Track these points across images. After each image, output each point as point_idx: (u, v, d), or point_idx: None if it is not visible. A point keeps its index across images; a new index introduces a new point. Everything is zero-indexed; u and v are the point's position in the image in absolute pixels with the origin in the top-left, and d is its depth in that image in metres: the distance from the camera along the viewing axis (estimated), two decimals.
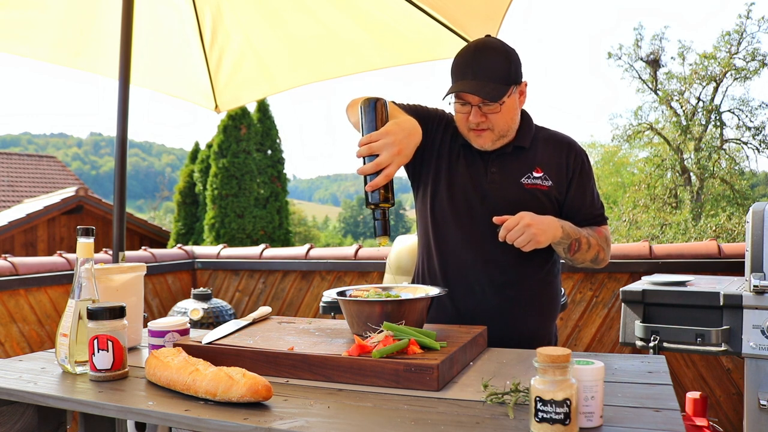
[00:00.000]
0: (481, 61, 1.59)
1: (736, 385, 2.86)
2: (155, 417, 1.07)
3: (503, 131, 1.65)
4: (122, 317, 1.30)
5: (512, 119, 1.65)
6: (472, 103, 1.60)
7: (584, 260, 1.67)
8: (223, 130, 11.22)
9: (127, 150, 2.52)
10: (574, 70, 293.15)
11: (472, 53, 1.61)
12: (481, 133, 1.64)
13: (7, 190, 17.37)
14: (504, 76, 1.59)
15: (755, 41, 17.69)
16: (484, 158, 1.71)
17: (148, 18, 2.72)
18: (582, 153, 1.73)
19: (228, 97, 3.11)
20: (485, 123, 1.61)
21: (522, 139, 1.70)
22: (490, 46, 1.63)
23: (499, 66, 1.59)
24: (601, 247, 1.68)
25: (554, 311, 1.79)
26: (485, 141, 1.65)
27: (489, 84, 1.57)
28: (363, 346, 1.22)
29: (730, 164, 18.18)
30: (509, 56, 1.62)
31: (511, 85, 1.61)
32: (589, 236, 1.64)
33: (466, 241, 1.69)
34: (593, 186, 1.74)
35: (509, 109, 1.62)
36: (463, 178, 1.70)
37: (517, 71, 1.63)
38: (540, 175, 1.68)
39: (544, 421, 0.90)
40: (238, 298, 4.12)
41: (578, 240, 1.61)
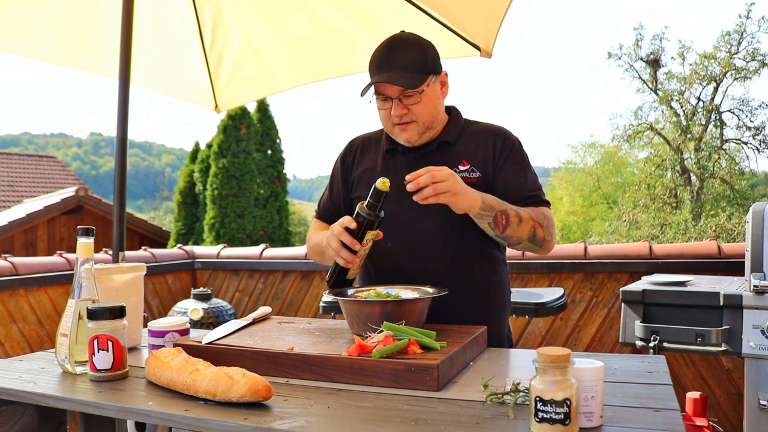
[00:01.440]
0: (395, 53, 1.59)
1: (736, 385, 2.86)
2: (155, 417, 1.07)
3: (428, 122, 1.62)
4: (122, 317, 1.30)
5: (435, 110, 1.63)
6: (392, 96, 1.58)
7: (520, 238, 1.55)
8: (223, 130, 11.22)
9: (127, 150, 2.52)
10: (574, 70, 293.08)
11: (386, 48, 1.61)
12: (406, 126, 1.61)
13: (7, 190, 17.37)
14: (420, 65, 1.58)
15: (755, 41, 17.69)
16: (408, 159, 1.68)
17: (148, 18, 2.72)
18: (511, 138, 1.68)
19: (228, 97, 3.11)
20: (408, 115, 1.60)
21: (447, 135, 1.68)
22: (403, 38, 1.63)
23: (414, 56, 1.58)
24: (537, 223, 1.56)
25: (503, 308, 1.73)
26: (411, 134, 1.62)
27: (405, 73, 1.56)
28: (363, 346, 1.22)
29: (730, 164, 18.18)
30: (423, 47, 1.62)
31: (429, 74, 1.59)
32: (519, 210, 1.54)
33: (400, 247, 1.65)
34: (527, 170, 1.67)
35: (430, 99, 1.61)
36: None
37: (434, 61, 1.62)
38: (466, 168, 1.64)
39: (544, 421, 0.90)
40: (238, 298, 4.12)
41: (504, 213, 1.50)
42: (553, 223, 1.64)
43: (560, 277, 3.27)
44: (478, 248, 1.67)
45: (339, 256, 1.48)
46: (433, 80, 1.61)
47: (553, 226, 1.64)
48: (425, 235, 1.64)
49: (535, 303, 2.46)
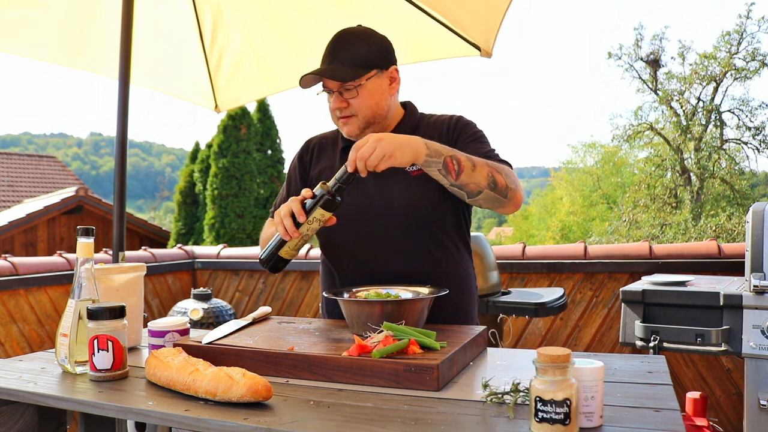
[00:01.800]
0: (339, 47, 1.60)
1: (736, 385, 2.86)
2: (155, 417, 1.07)
3: (368, 117, 1.61)
4: (122, 317, 1.30)
5: (377, 104, 1.61)
6: (332, 89, 1.59)
7: (479, 185, 1.46)
8: (223, 130, 11.22)
9: (127, 150, 2.52)
10: (574, 70, 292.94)
11: (332, 42, 1.62)
12: (347, 120, 1.62)
13: (7, 190, 17.37)
14: (362, 59, 1.58)
15: (755, 41, 17.70)
16: None
17: (148, 18, 2.72)
18: (463, 120, 1.68)
19: (228, 97, 3.11)
20: (348, 109, 1.60)
21: (402, 130, 1.66)
22: (351, 32, 1.63)
23: (357, 49, 1.58)
24: (495, 171, 1.48)
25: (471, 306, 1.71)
26: (352, 128, 1.63)
27: (343, 67, 1.56)
28: (363, 346, 1.22)
29: (730, 164, 18.19)
30: (371, 40, 1.61)
31: (373, 68, 1.59)
32: (471, 156, 1.48)
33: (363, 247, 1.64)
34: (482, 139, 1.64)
35: (371, 94, 1.60)
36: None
37: (380, 55, 1.61)
38: None
39: (544, 421, 0.90)
40: (238, 298, 4.12)
41: (454, 158, 1.43)
42: (515, 176, 1.57)
43: (560, 277, 3.27)
44: (441, 243, 1.65)
45: (281, 224, 1.42)
46: (376, 74, 1.60)
47: (516, 178, 1.57)
48: (388, 232, 1.63)
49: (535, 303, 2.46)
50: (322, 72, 1.57)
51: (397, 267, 1.62)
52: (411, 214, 1.59)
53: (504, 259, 3.33)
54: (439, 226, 1.64)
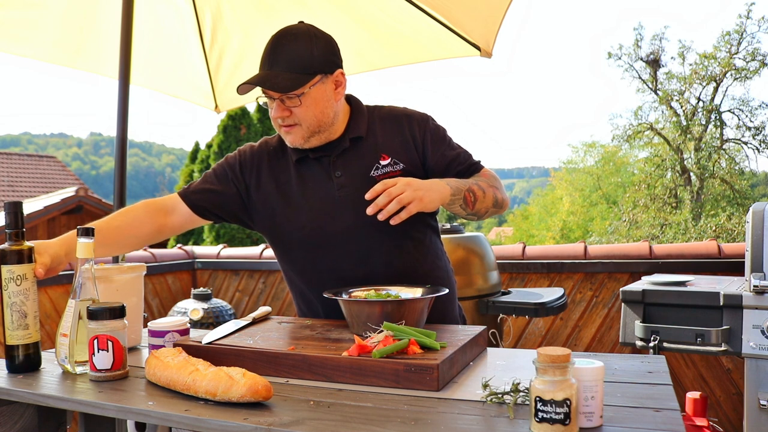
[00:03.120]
0: (279, 49, 1.47)
1: (736, 385, 2.86)
2: (155, 417, 1.07)
3: (313, 126, 1.51)
4: (122, 317, 1.30)
5: (322, 113, 1.51)
6: (274, 96, 1.48)
7: (487, 208, 1.52)
8: (223, 130, 11.23)
9: (127, 150, 2.52)
10: (574, 70, 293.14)
11: (273, 42, 1.49)
12: (290, 129, 1.51)
13: (7, 190, 17.38)
14: (305, 65, 1.46)
15: (755, 41, 17.71)
16: (324, 164, 1.57)
17: (148, 18, 2.72)
18: (423, 119, 1.61)
19: (228, 97, 3.11)
20: (291, 118, 1.49)
21: (356, 129, 1.58)
22: (293, 32, 1.50)
23: (300, 54, 1.46)
24: (494, 188, 1.54)
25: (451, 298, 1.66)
26: (295, 138, 1.52)
27: (284, 74, 1.45)
28: (363, 346, 1.22)
29: (730, 164, 18.20)
30: (314, 43, 1.49)
31: (317, 74, 1.47)
32: (478, 180, 1.51)
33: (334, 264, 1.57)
34: (451, 143, 1.61)
35: (316, 102, 1.49)
36: (310, 193, 1.57)
37: (325, 59, 1.50)
38: (388, 161, 1.55)
39: (544, 421, 0.90)
40: (238, 298, 4.12)
41: (470, 190, 1.46)
42: (499, 180, 1.61)
43: (560, 277, 3.27)
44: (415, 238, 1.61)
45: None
46: (320, 80, 1.49)
47: (501, 182, 1.61)
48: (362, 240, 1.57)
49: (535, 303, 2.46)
50: (260, 81, 1.44)
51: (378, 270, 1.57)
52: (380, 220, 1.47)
53: (504, 259, 3.33)
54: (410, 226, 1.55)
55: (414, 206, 1.35)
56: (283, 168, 1.63)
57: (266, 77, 1.46)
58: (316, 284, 1.61)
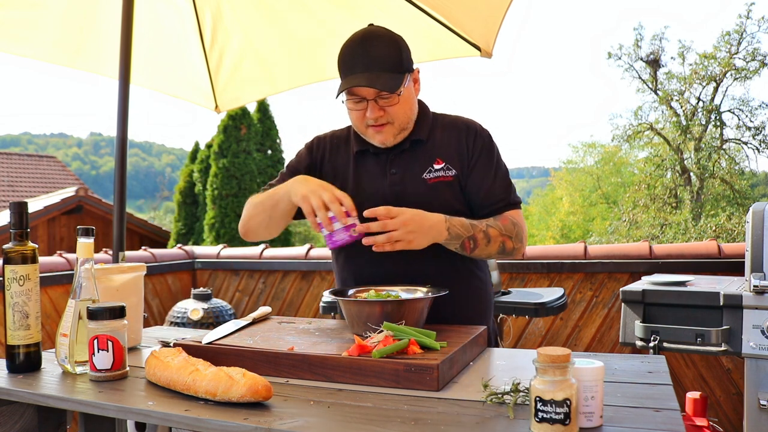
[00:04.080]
0: (369, 51, 1.49)
1: (736, 385, 2.86)
2: (155, 417, 1.07)
3: (403, 123, 1.57)
4: (122, 317, 1.30)
5: (411, 110, 1.58)
6: (367, 97, 1.51)
7: (489, 255, 1.57)
8: (223, 130, 11.23)
9: (127, 150, 2.52)
10: (574, 70, 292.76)
11: (359, 44, 1.51)
12: (381, 128, 1.55)
13: (7, 190, 17.38)
14: (396, 64, 1.50)
15: (755, 41, 17.69)
16: (381, 161, 1.63)
17: (148, 18, 2.72)
18: (483, 134, 1.64)
19: (228, 97, 3.11)
20: (384, 117, 1.53)
21: (419, 132, 1.62)
22: (377, 34, 1.53)
23: (390, 54, 1.50)
24: (506, 237, 1.55)
25: (486, 307, 1.72)
26: (386, 137, 1.57)
27: (383, 74, 1.48)
28: (363, 346, 1.22)
29: (730, 164, 18.18)
30: (398, 43, 1.53)
31: (405, 73, 1.53)
32: (488, 228, 1.53)
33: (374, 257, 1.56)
34: (499, 170, 1.63)
35: (407, 100, 1.55)
36: (364, 185, 1.62)
37: (408, 58, 1.56)
38: (441, 166, 1.59)
39: (544, 421, 0.90)
40: (238, 298, 4.12)
41: (472, 238, 1.50)
42: (523, 228, 1.61)
43: (560, 277, 3.27)
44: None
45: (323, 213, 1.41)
46: (408, 79, 1.55)
47: (524, 230, 1.61)
48: None
49: (535, 303, 2.46)
50: (369, 82, 1.47)
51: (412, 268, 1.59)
52: None
53: (504, 259, 3.33)
54: None
55: (399, 245, 1.42)
56: (343, 157, 1.69)
57: (371, 79, 1.48)
58: (356, 276, 1.67)
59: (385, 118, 1.54)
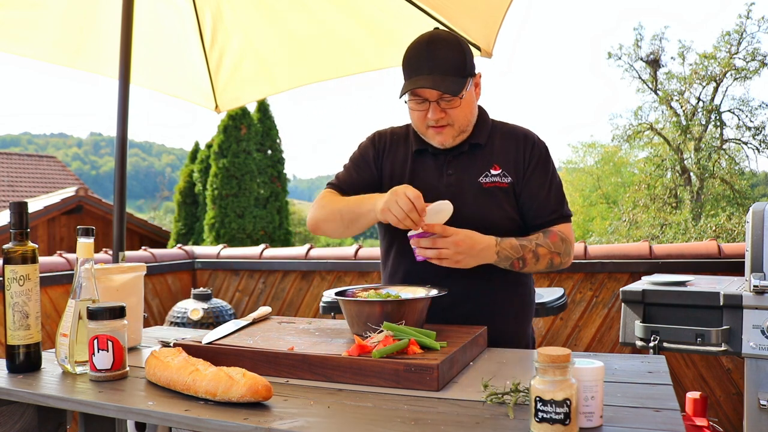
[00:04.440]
0: (435, 54, 1.54)
1: (736, 385, 2.86)
2: (155, 417, 1.07)
3: (463, 126, 1.61)
4: (122, 317, 1.30)
5: (471, 113, 1.62)
6: (430, 99, 1.55)
7: (537, 271, 1.61)
8: (223, 130, 11.23)
9: (127, 150, 2.52)
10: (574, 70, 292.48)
11: (425, 47, 1.55)
12: (441, 130, 1.59)
13: (7, 190, 17.38)
14: (460, 68, 1.55)
15: (755, 41, 17.69)
16: (439, 161, 1.67)
17: (148, 18, 2.72)
18: (540, 145, 1.67)
19: (228, 97, 3.11)
20: (445, 119, 1.57)
21: (478, 136, 1.66)
22: (442, 38, 1.58)
23: (454, 58, 1.54)
24: (554, 254, 1.59)
25: (528, 314, 1.75)
26: (446, 138, 1.60)
27: (447, 78, 1.52)
28: (363, 346, 1.22)
29: (730, 164, 18.18)
30: (462, 48, 1.57)
31: (468, 77, 1.57)
32: (537, 247, 1.56)
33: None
34: (554, 182, 1.66)
35: (468, 103, 1.59)
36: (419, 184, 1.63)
37: (471, 63, 1.59)
38: (498, 172, 1.63)
39: (544, 421, 0.90)
40: (238, 298, 4.12)
41: (521, 258, 1.55)
42: (571, 242, 1.64)
43: (560, 277, 3.27)
44: None
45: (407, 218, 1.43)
46: (470, 83, 1.59)
47: (572, 244, 1.65)
48: None
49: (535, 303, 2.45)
50: (433, 84, 1.51)
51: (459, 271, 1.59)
52: (479, 224, 1.56)
53: None
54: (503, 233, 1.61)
55: (446, 263, 1.47)
56: (401, 155, 1.73)
57: (436, 81, 1.52)
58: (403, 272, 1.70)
59: (445, 120, 1.58)
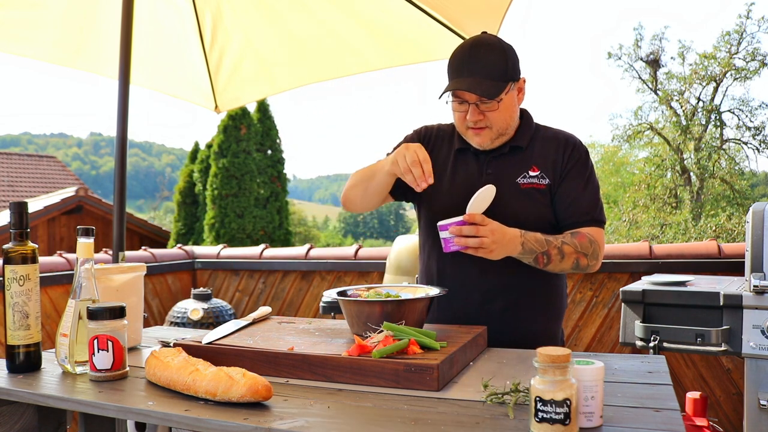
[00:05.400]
0: (477, 57, 1.57)
1: (736, 385, 2.86)
2: (155, 417, 1.07)
3: (502, 129, 1.63)
4: (122, 317, 1.30)
5: (511, 117, 1.64)
6: (469, 101, 1.58)
7: (562, 269, 1.61)
8: (223, 130, 11.22)
9: (127, 150, 2.52)
10: (574, 70, 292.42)
11: (468, 50, 1.60)
12: (480, 131, 1.62)
13: (7, 190, 17.38)
14: (501, 72, 1.57)
15: (755, 41, 17.69)
16: (480, 160, 1.70)
17: (148, 18, 2.72)
18: (580, 149, 1.69)
19: (228, 97, 3.11)
20: (483, 121, 1.60)
21: (520, 139, 1.68)
22: (486, 42, 1.61)
23: (496, 62, 1.57)
24: (581, 254, 1.59)
25: (559, 313, 1.77)
26: (484, 139, 1.64)
27: (486, 81, 1.55)
28: (363, 346, 1.22)
29: (730, 164, 18.18)
30: (506, 52, 1.60)
31: (509, 81, 1.59)
32: (563, 245, 1.57)
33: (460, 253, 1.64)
34: (589, 184, 1.67)
35: (507, 107, 1.61)
36: (459, 181, 1.69)
37: (514, 67, 1.61)
38: (536, 173, 1.65)
39: (544, 421, 0.90)
40: (238, 298, 4.12)
41: (546, 253, 1.55)
42: (600, 246, 1.65)
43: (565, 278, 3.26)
44: None
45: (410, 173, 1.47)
46: (512, 88, 1.61)
47: (601, 248, 1.65)
48: None
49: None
50: (469, 87, 1.54)
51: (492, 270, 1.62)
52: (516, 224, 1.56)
53: None
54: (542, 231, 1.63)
55: (481, 252, 1.47)
56: (445, 151, 1.76)
57: (471, 83, 1.55)
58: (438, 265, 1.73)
59: (484, 122, 1.61)
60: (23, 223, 1.37)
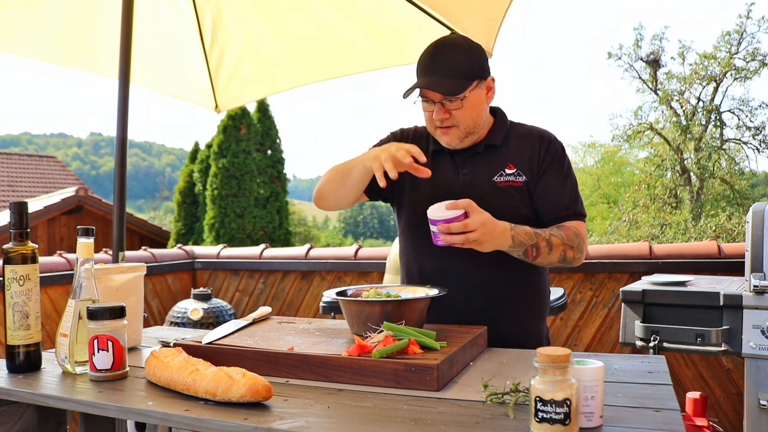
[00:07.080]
0: (440, 57, 1.59)
1: (736, 385, 2.86)
2: (155, 417, 1.07)
3: (470, 128, 1.63)
4: (122, 317, 1.30)
5: (478, 115, 1.63)
6: (434, 100, 1.59)
7: (550, 262, 1.60)
8: (223, 130, 11.22)
9: (127, 150, 2.51)
10: (574, 70, 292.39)
11: (433, 50, 1.61)
12: (447, 130, 1.63)
13: (7, 190, 17.38)
14: (464, 70, 1.58)
15: (755, 41, 17.70)
16: (455, 160, 1.70)
17: (148, 18, 2.72)
18: (556, 144, 1.69)
19: (228, 97, 3.11)
20: (450, 120, 1.60)
21: (494, 137, 1.69)
22: (451, 42, 1.63)
23: (460, 61, 1.58)
24: (567, 247, 1.58)
25: (542, 311, 1.76)
26: (452, 138, 1.64)
27: (448, 79, 1.56)
28: (363, 346, 1.22)
29: (730, 164, 18.19)
30: (471, 51, 1.61)
31: (474, 80, 1.59)
32: (551, 237, 1.57)
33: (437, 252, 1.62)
34: (567, 179, 1.67)
35: (473, 105, 1.61)
36: (435, 184, 1.68)
37: (480, 66, 1.62)
38: (512, 171, 1.65)
39: (544, 421, 0.90)
40: (238, 298, 4.12)
41: (535, 246, 1.54)
42: (583, 239, 1.65)
43: (560, 277, 3.27)
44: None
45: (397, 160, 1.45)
46: (477, 86, 1.61)
47: (584, 240, 1.65)
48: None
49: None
50: (428, 84, 1.56)
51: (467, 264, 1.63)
52: None
53: None
54: None
55: (470, 245, 1.45)
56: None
57: (433, 82, 1.58)
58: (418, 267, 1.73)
59: (450, 121, 1.61)
60: (23, 223, 1.37)
